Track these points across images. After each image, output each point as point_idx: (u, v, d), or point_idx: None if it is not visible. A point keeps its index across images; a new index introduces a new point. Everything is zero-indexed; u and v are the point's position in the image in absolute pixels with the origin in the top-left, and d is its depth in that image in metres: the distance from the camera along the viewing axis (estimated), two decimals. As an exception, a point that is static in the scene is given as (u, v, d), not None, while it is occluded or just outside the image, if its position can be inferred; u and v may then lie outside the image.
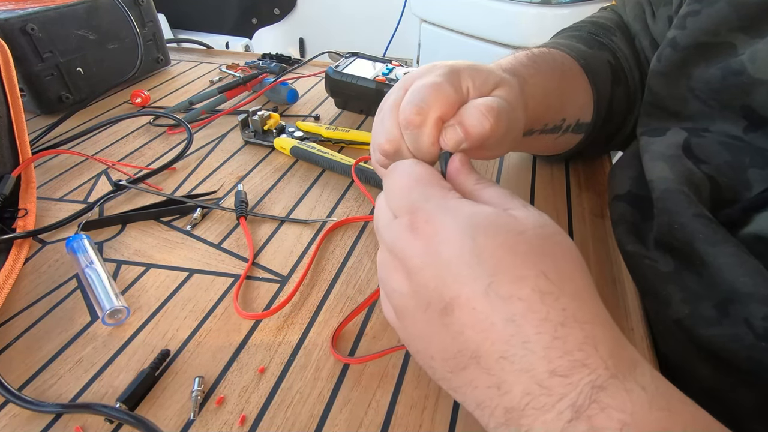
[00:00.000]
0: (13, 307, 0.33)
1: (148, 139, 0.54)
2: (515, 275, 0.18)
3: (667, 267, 0.29)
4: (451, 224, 0.20)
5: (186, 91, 0.66)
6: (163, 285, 0.35)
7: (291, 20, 1.60)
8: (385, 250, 0.23)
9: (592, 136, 0.41)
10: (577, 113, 0.39)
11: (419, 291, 0.20)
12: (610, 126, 0.42)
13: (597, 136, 0.42)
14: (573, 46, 0.40)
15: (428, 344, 0.21)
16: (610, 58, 0.41)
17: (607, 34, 0.42)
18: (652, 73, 0.36)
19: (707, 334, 0.26)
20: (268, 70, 0.67)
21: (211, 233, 0.40)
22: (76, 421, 0.26)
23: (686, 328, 0.27)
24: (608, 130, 0.42)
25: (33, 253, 0.38)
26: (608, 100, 0.40)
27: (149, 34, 0.68)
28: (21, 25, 0.52)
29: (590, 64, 0.39)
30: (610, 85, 0.40)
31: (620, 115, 0.42)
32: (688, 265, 0.28)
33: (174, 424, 0.26)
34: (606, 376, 0.16)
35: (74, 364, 0.29)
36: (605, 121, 0.41)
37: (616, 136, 0.44)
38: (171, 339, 0.31)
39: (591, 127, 0.40)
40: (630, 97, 0.42)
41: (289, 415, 0.26)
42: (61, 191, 0.45)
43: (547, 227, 0.20)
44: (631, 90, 0.41)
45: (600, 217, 0.42)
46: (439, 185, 0.22)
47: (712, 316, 0.25)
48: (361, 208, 0.43)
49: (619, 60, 0.41)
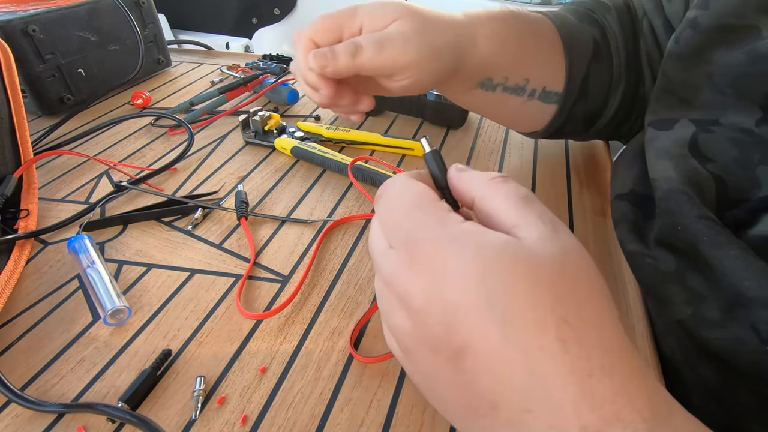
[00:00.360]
0: (15, 308, 0.33)
1: (149, 140, 0.54)
2: (533, 321, 0.16)
3: (668, 266, 0.29)
4: (455, 261, 0.17)
5: (187, 92, 0.66)
6: (165, 285, 0.35)
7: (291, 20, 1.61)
8: (383, 282, 0.20)
9: (566, 112, 0.40)
10: (543, 78, 0.38)
11: (425, 333, 0.18)
12: (587, 105, 0.41)
13: (572, 113, 0.41)
14: (560, 15, 0.40)
15: (439, 387, 0.19)
16: (597, 35, 0.40)
17: (603, 11, 0.41)
18: (669, 56, 0.34)
19: (710, 336, 0.25)
20: (268, 70, 0.67)
21: (212, 233, 0.40)
22: (78, 421, 0.26)
23: (688, 328, 0.26)
24: (586, 110, 0.41)
25: (35, 254, 0.38)
26: (583, 76, 0.39)
27: (150, 36, 0.69)
28: (22, 27, 0.53)
29: (571, 34, 0.38)
30: (588, 60, 0.39)
31: (598, 95, 0.41)
32: (692, 266, 0.27)
33: (176, 424, 0.26)
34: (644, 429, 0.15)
35: (76, 364, 0.29)
36: (579, 97, 0.40)
37: (597, 119, 0.43)
38: (172, 339, 0.31)
39: (562, 99, 0.39)
40: (612, 79, 0.40)
41: (290, 415, 0.26)
42: (62, 192, 0.45)
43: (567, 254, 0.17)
44: (614, 72, 0.40)
45: (601, 215, 0.42)
46: (436, 208, 0.19)
47: (715, 319, 0.25)
48: (362, 208, 0.43)
49: (607, 39, 0.40)
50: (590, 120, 0.43)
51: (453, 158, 0.50)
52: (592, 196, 0.45)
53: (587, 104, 0.41)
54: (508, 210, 0.19)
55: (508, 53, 0.36)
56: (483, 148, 0.52)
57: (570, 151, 0.52)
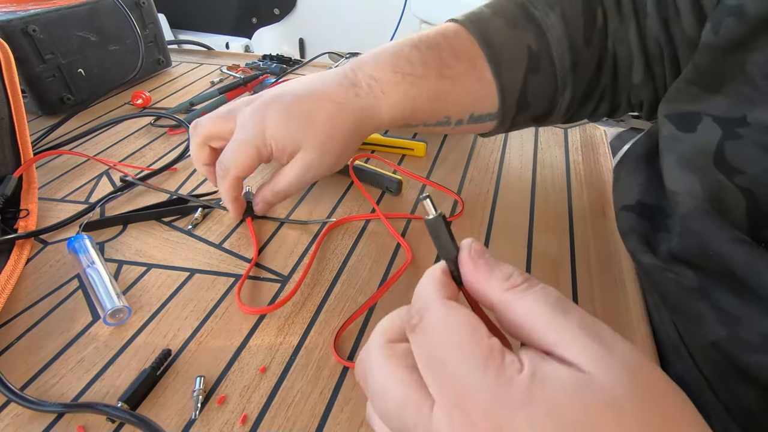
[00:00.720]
0: (15, 307, 0.33)
1: (149, 140, 0.54)
2: None
3: (691, 282, 0.27)
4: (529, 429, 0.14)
5: (187, 92, 0.66)
6: (165, 285, 0.35)
7: (291, 20, 1.61)
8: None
9: (507, 124, 0.39)
10: (465, 108, 0.37)
11: None
12: (531, 111, 0.39)
13: (516, 122, 0.39)
14: (487, 25, 0.36)
15: None
16: (532, 42, 0.36)
17: (548, 3, 0.36)
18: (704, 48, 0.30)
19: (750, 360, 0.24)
20: (268, 71, 0.67)
21: (212, 233, 0.40)
22: (78, 421, 0.26)
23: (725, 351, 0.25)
24: (532, 115, 0.39)
25: (34, 254, 0.38)
26: (520, 91, 0.37)
27: (150, 36, 0.69)
28: (22, 27, 0.53)
29: (498, 50, 0.36)
30: (523, 73, 0.36)
31: (540, 103, 0.38)
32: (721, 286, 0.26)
33: (175, 424, 0.26)
34: None
35: (76, 363, 0.29)
36: (520, 110, 0.38)
37: (547, 119, 0.40)
38: (172, 339, 0.31)
39: (499, 117, 0.38)
40: (556, 83, 0.37)
41: (290, 415, 0.26)
42: (62, 192, 0.45)
43: (647, 386, 0.14)
44: (558, 77, 0.37)
45: (601, 215, 0.42)
46: (490, 355, 0.15)
47: (755, 342, 0.24)
48: (362, 208, 0.43)
49: (547, 42, 0.36)
50: (539, 121, 0.41)
51: (452, 160, 0.50)
52: (592, 196, 0.45)
53: (532, 111, 0.39)
54: (542, 324, 0.16)
55: (420, 109, 0.36)
56: (483, 149, 0.52)
57: (570, 151, 0.52)
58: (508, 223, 0.41)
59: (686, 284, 0.27)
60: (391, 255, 0.38)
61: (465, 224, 0.41)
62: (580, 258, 0.38)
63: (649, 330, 0.32)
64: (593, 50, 0.37)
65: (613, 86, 0.39)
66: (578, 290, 0.35)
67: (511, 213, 0.42)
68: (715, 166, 0.27)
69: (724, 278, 0.26)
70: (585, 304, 0.34)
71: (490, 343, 0.16)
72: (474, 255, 0.18)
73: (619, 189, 0.36)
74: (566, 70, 0.37)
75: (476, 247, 0.18)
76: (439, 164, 0.49)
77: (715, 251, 0.25)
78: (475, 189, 0.46)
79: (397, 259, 0.37)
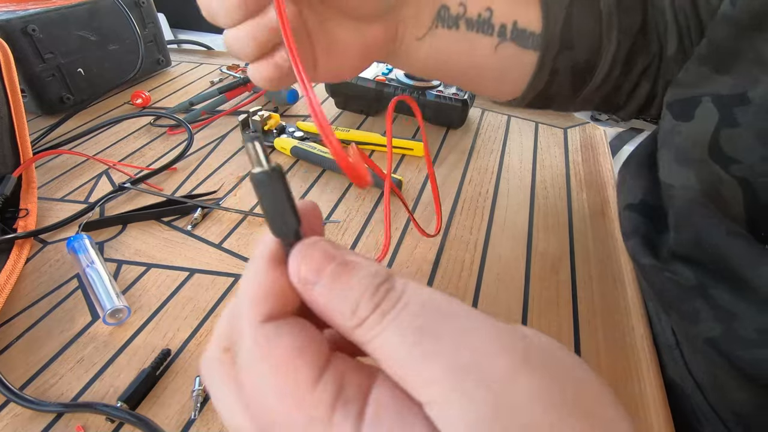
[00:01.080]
0: (14, 307, 0.33)
1: (148, 140, 0.54)
2: None
3: (688, 281, 0.27)
4: None
5: (186, 92, 0.66)
6: (164, 285, 0.35)
7: (291, 21, 1.60)
8: None
9: (549, 64, 0.33)
10: (511, 10, 0.32)
11: None
12: (574, 56, 0.33)
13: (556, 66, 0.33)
14: None
15: None
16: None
17: None
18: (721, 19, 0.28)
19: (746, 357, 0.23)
20: (268, 70, 0.67)
21: (211, 233, 0.40)
22: (77, 421, 0.26)
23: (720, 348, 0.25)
24: (574, 64, 0.33)
25: (34, 253, 0.38)
26: (564, 17, 0.32)
27: (150, 36, 0.69)
28: (22, 26, 0.53)
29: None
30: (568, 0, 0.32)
31: (586, 43, 0.33)
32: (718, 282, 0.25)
33: (175, 424, 0.26)
34: None
35: (75, 363, 0.29)
36: (563, 46, 0.32)
37: (588, 76, 0.34)
38: (172, 338, 0.31)
39: (544, 46, 0.32)
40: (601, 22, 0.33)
41: (289, 415, 0.26)
42: (62, 191, 0.45)
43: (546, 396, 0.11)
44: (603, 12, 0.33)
45: (601, 215, 0.42)
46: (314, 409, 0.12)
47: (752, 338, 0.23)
48: (362, 208, 0.43)
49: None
50: (580, 77, 0.34)
51: (452, 160, 0.50)
52: (592, 196, 0.45)
53: (574, 55, 0.33)
54: (402, 374, 0.12)
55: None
56: (483, 148, 0.52)
57: (569, 152, 0.52)
58: (508, 223, 0.41)
59: (683, 283, 0.27)
60: (391, 256, 0.38)
61: (465, 224, 0.41)
62: (579, 258, 0.38)
63: (649, 331, 0.32)
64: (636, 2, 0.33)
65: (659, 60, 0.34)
66: (578, 290, 0.35)
67: (511, 213, 0.42)
68: (710, 157, 0.26)
69: (719, 273, 0.25)
70: (585, 304, 0.34)
71: (317, 394, 0.12)
72: (309, 275, 0.14)
73: (624, 190, 0.35)
74: (611, 6, 0.32)
75: (315, 260, 0.14)
76: (439, 164, 0.49)
77: (711, 244, 0.25)
78: (474, 189, 0.46)
79: (397, 259, 0.37)
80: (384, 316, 0.12)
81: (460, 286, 0.35)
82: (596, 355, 0.30)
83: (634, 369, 0.30)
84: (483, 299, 0.34)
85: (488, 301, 0.34)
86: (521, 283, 0.35)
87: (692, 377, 0.29)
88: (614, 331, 0.32)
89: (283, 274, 0.14)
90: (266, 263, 0.14)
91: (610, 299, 0.34)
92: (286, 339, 0.13)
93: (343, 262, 0.14)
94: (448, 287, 0.35)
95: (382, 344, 0.12)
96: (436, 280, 0.35)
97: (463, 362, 0.11)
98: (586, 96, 0.36)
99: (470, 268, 0.36)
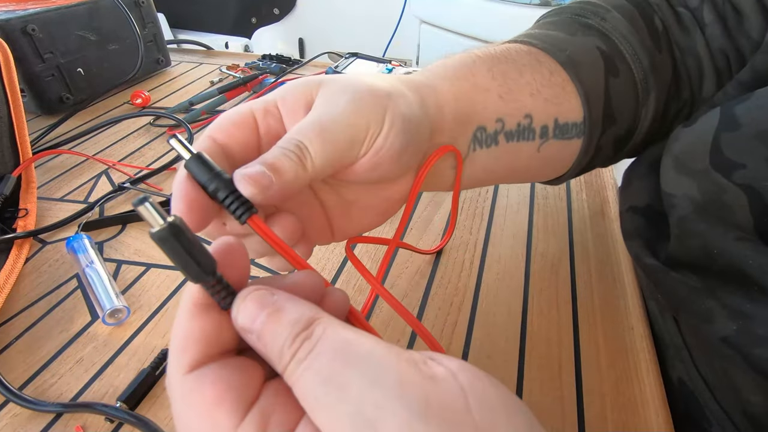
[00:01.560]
0: (14, 307, 0.33)
1: (148, 140, 0.54)
2: None
3: (696, 282, 0.26)
4: None
5: (186, 91, 0.66)
6: (164, 285, 0.35)
7: (290, 20, 1.61)
8: None
9: (594, 145, 0.32)
10: (549, 110, 0.29)
11: None
12: (616, 129, 0.32)
13: (601, 143, 0.32)
14: (545, 36, 0.31)
15: None
16: (601, 44, 0.31)
17: (598, 13, 0.33)
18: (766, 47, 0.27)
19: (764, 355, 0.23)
20: (268, 70, 0.67)
21: (211, 233, 0.40)
22: (77, 421, 0.26)
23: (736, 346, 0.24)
24: (616, 134, 0.33)
25: (33, 253, 0.38)
26: (603, 97, 0.31)
27: (150, 35, 0.69)
28: (22, 26, 0.53)
29: (569, 56, 0.30)
30: (603, 74, 0.31)
31: (626, 114, 0.32)
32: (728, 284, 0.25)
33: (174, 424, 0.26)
34: None
35: (74, 363, 0.29)
36: (608, 123, 0.31)
37: (628, 141, 0.34)
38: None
39: (587, 131, 0.31)
40: (636, 88, 0.32)
41: (289, 415, 0.26)
42: (61, 191, 0.45)
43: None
44: (638, 79, 0.32)
45: (600, 215, 0.42)
46: None
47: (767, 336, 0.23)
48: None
49: (615, 44, 0.32)
50: (623, 143, 0.34)
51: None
52: (591, 196, 0.45)
53: (617, 129, 0.32)
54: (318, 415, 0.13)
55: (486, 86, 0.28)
56: (482, 149, 0.52)
57: (569, 152, 0.52)
58: (508, 223, 0.41)
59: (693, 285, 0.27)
60: (391, 256, 0.38)
61: (465, 224, 0.41)
62: (579, 258, 0.38)
63: (649, 331, 0.32)
64: (665, 54, 0.32)
65: (691, 103, 0.35)
66: (577, 290, 0.35)
67: (511, 213, 0.42)
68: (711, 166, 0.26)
69: (729, 278, 0.25)
70: (584, 304, 0.34)
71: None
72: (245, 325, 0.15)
73: (629, 191, 0.34)
74: (646, 70, 0.32)
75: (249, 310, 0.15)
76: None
77: (720, 250, 0.25)
78: (474, 189, 0.46)
79: (397, 259, 0.37)
80: (299, 364, 0.13)
81: (459, 287, 0.35)
82: (596, 355, 0.30)
83: (634, 369, 0.30)
84: (483, 299, 0.34)
85: (488, 301, 0.34)
86: (521, 283, 0.35)
87: (702, 378, 0.29)
88: (614, 331, 0.32)
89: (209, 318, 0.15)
90: (187, 313, 0.15)
91: (609, 299, 0.34)
92: (207, 389, 0.14)
93: (273, 311, 0.15)
94: (448, 287, 0.35)
95: (301, 389, 0.13)
96: (436, 280, 0.35)
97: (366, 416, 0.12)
98: (625, 153, 0.36)
99: (470, 268, 0.36)
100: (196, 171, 0.17)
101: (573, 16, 0.33)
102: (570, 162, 0.33)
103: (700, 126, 0.27)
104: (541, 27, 0.34)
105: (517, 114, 0.28)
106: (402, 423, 0.12)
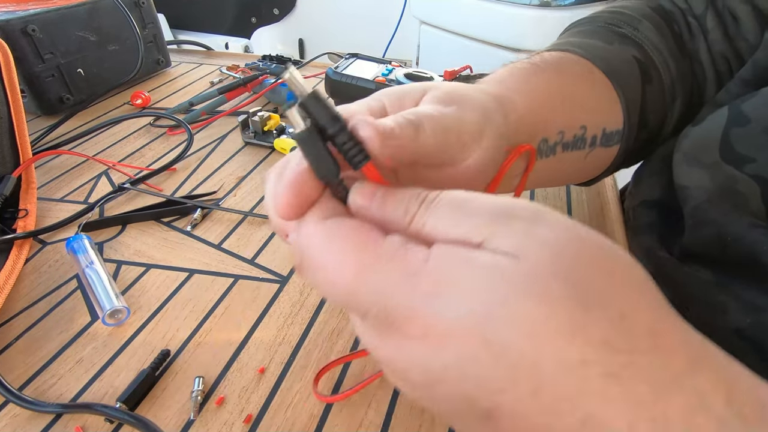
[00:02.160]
0: (14, 307, 0.33)
1: (148, 140, 0.54)
2: (561, 361, 0.13)
3: (707, 276, 0.27)
4: (448, 317, 0.14)
5: (186, 92, 0.66)
6: (164, 285, 0.35)
7: (290, 20, 1.61)
8: None
9: (628, 148, 0.33)
10: (599, 120, 0.31)
11: (437, 401, 0.16)
12: (647, 132, 0.34)
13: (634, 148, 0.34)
14: (586, 45, 0.33)
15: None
16: (636, 53, 0.33)
17: (630, 23, 0.34)
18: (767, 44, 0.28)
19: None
20: (268, 71, 0.67)
21: (211, 233, 0.40)
22: (76, 421, 0.26)
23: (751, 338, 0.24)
24: (646, 137, 0.34)
25: (33, 254, 0.38)
26: (641, 103, 0.32)
27: (150, 36, 0.69)
28: (22, 26, 0.53)
29: (611, 64, 0.32)
30: (640, 84, 0.33)
31: (656, 119, 0.34)
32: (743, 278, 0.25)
33: (174, 424, 0.26)
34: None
35: (74, 364, 0.29)
36: (641, 128, 0.33)
37: (651, 144, 0.36)
38: (171, 339, 0.31)
39: (624, 137, 0.32)
40: (665, 97, 0.34)
41: (289, 415, 0.26)
42: (61, 192, 0.45)
43: (576, 266, 0.14)
44: (666, 86, 0.34)
45: (601, 215, 0.42)
46: (385, 255, 0.15)
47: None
48: (361, 209, 0.43)
49: (647, 53, 0.34)
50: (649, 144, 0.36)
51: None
52: (591, 197, 0.45)
53: (648, 132, 0.34)
54: (458, 226, 0.15)
55: (555, 109, 0.29)
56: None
57: (569, 153, 0.52)
58: (508, 224, 0.41)
59: (705, 278, 0.27)
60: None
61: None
62: (579, 259, 0.38)
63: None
64: (687, 61, 0.35)
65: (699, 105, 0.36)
66: (577, 291, 0.35)
67: (511, 214, 0.42)
68: (722, 159, 0.27)
69: (742, 270, 0.25)
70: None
71: (385, 247, 0.16)
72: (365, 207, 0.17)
73: (640, 187, 0.35)
74: (673, 77, 0.34)
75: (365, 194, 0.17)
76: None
77: (734, 237, 0.25)
78: (474, 190, 0.46)
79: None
80: (429, 206, 0.16)
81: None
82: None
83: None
84: (482, 300, 0.34)
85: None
86: (521, 283, 0.35)
87: None
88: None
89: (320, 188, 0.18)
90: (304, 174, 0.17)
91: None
92: (347, 221, 0.17)
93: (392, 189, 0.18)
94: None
95: (434, 223, 0.16)
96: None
97: (501, 210, 0.15)
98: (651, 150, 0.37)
99: (470, 269, 0.36)
100: (316, 110, 0.16)
101: (607, 25, 0.35)
102: (605, 167, 0.34)
103: (709, 123, 0.28)
104: (576, 35, 0.35)
105: (575, 125, 0.30)
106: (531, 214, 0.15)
